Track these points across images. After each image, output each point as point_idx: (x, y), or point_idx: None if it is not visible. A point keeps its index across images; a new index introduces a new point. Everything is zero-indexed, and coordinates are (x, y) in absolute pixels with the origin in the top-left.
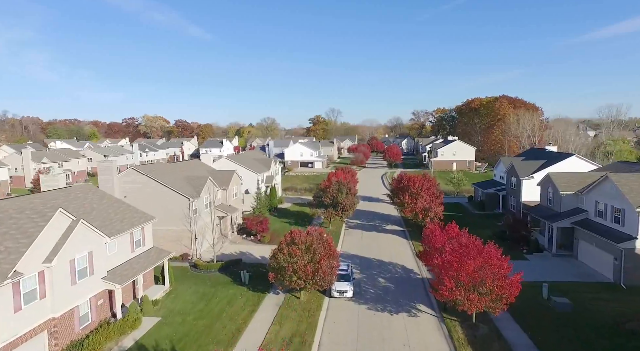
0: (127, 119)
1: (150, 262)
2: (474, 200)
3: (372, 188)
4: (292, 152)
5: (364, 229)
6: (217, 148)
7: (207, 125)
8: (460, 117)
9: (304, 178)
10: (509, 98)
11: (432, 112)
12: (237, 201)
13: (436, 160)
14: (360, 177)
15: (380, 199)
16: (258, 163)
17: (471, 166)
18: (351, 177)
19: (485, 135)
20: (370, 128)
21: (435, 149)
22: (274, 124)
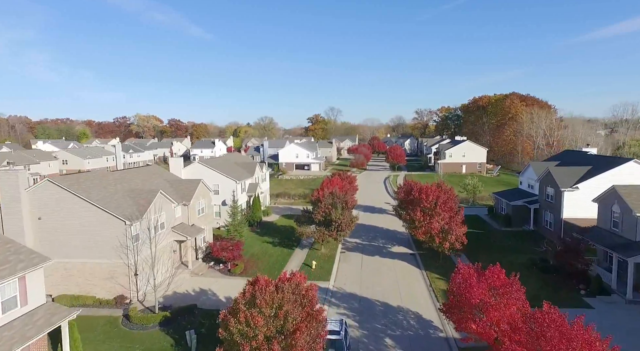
0: (118, 119)
1: (30, 331)
2: (495, 212)
3: (374, 196)
4: (287, 153)
5: (365, 252)
6: (208, 149)
7: (201, 124)
8: (467, 116)
9: (298, 183)
10: (519, 96)
11: (436, 111)
12: (206, 217)
13: (444, 162)
14: (361, 182)
15: (384, 210)
16: (239, 169)
17: (482, 169)
18: (349, 184)
19: (495, 135)
20: (371, 128)
21: (442, 150)
22: (272, 124)
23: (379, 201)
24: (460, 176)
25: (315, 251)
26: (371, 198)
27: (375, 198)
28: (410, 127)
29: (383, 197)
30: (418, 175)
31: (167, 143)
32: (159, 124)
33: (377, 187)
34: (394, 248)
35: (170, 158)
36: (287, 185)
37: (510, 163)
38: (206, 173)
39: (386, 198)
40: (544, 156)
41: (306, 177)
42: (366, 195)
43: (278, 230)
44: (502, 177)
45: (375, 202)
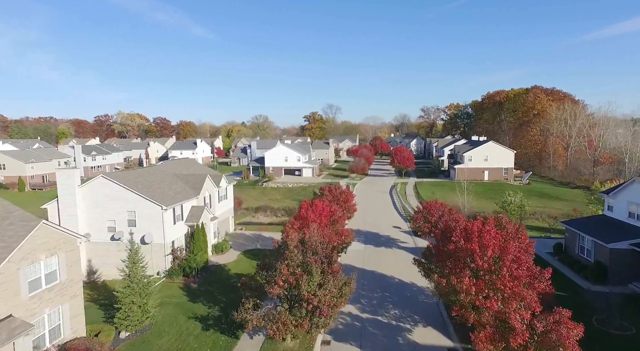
0: (100, 117)
1: None
2: (567, 253)
3: (378, 215)
4: (274, 156)
5: (366, 339)
6: (189, 151)
7: (188, 123)
8: (480, 114)
9: (286, 192)
10: (544, 90)
11: (444, 109)
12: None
13: (461, 167)
14: (361, 193)
15: (394, 240)
16: (177, 186)
17: (509, 175)
18: (344, 203)
19: (517, 134)
20: (373, 127)
21: (459, 153)
22: (267, 122)
23: (386, 224)
24: (484, 185)
25: (274, 345)
26: (375, 219)
27: (381, 219)
28: (415, 126)
29: (391, 217)
30: (431, 183)
31: (140, 144)
32: (145, 123)
33: (381, 201)
34: (416, 331)
35: (58, 171)
36: (271, 194)
37: (538, 168)
38: (116, 194)
39: (395, 220)
40: (583, 160)
41: (296, 185)
42: (368, 213)
43: (229, 284)
44: (534, 185)
45: (381, 225)
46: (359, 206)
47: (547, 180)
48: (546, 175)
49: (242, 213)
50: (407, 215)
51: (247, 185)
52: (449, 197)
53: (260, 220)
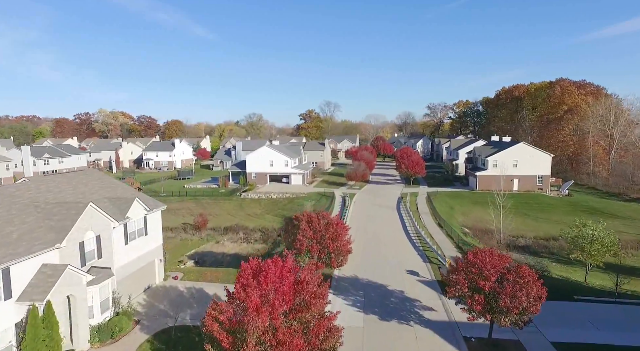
0: (80, 115)
1: None
2: None
3: (383, 246)
4: (257, 159)
5: None
6: (166, 153)
7: (175, 121)
8: (495, 111)
9: (268, 204)
10: (573, 82)
11: (452, 106)
12: None
13: (484, 174)
14: (360, 208)
15: (412, 303)
16: (22, 226)
17: (544, 185)
18: (321, 282)
19: (543, 134)
20: (374, 127)
21: (480, 157)
22: (261, 121)
23: (396, 267)
24: (513, 197)
25: None
26: (379, 256)
27: (388, 257)
28: (420, 126)
29: (403, 253)
30: (447, 194)
31: (109, 145)
32: (129, 122)
33: (387, 223)
34: None
35: None
36: (250, 208)
37: (572, 174)
38: None
39: (409, 258)
40: (633, 165)
41: (281, 195)
42: (369, 244)
43: None
44: (575, 197)
45: (389, 270)
46: (356, 233)
47: (588, 189)
48: (585, 184)
49: (207, 235)
50: (425, 247)
51: (223, 195)
52: (472, 212)
53: (225, 249)
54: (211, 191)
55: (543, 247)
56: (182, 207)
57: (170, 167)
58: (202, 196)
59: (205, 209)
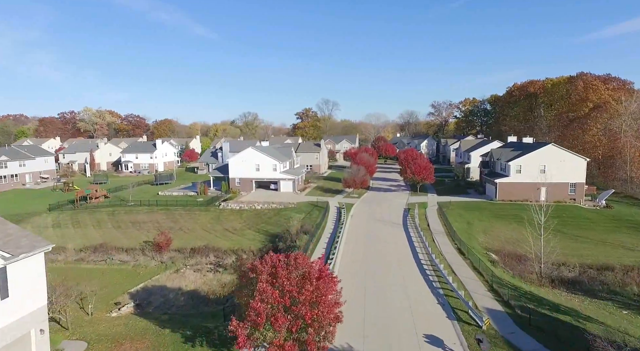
0: (65, 113)
1: None
2: None
3: (388, 286)
4: (241, 163)
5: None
6: (146, 154)
7: (165, 121)
8: (506, 109)
9: (250, 217)
10: (597, 77)
11: (458, 104)
12: None
13: (505, 181)
14: (358, 225)
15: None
16: None
17: (579, 195)
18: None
19: (566, 135)
20: (375, 127)
21: (499, 160)
22: (257, 121)
23: (411, 327)
24: (559, 211)
25: None
26: (385, 302)
27: (396, 305)
28: (424, 125)
29: (417, 299)
30: (461, 204)
31: (82, 146)
32: (116, 121)
33: (392, 246)
34: None
35: None
36: (229, 221)
37: (604, 180)
38: None
39: (425, 307)
40: None
41: (267, 206)
42: (369, 281)
43: None
44: (618, 209)
45: (401, 334)
46: (352, 267)
47: (626, 198)
48: (620, 192)
49: (169, 259)
50: (447, 290)
51: (200, 204)
52: (495, 229)
53: (184, 281)
54: (187, 199)
55: (597, 281)
56: (149, 220)
57: (152, 170)
58: (175, 206)
59: (176, 222)
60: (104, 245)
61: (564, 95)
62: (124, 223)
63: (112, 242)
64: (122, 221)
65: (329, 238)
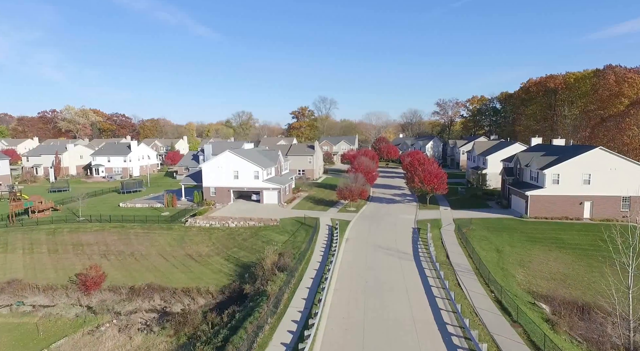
0: (46, 112)
1: None
2: None
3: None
4: (217, 169)
5: None
6: (120, 157)
7: (152, 120)
8: (518, 108)
9: (222, 239)
10: (630, 70)
11: (465, 103)
12: None
13: (538, 194)
14: (355, 253)
15: None
16: None
17: (633, 211)
18: None
19: (597, 135)
20: (376, 126)
21: (529, 168)
22: (251, 120)
23: None
24: (586, 229)
25: None
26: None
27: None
28: (428, 124)
29: None
30: (483, 222)
31: (48, 148)
32: (101, 120)
33: (402, 296)
34: None
35: None
36: (195, 243)
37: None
38: None
39: None
40: None
41: (244, 223)
42: None
43: None
44: None
45: None
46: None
47: None
48: None
49: (98, 304)
50: None
51: (163, 221)
52: (534, 259)
53: (101, 349)
54: (150, 214)
55: None
56: (96, 241)
57: (125, 174)
58: (132, 222)
59: (128, 245)
60: (17, 281)
61: (589, 90)
62: (64, 245)
63: (33, 275)
64: (62, 243)
65: (313, 280)
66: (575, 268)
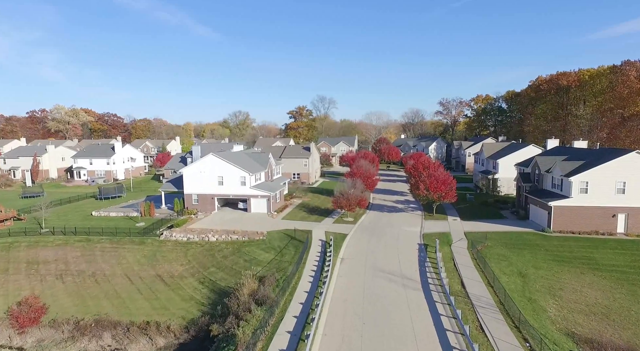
0: (35, 112)
1: None
2: None
3: None
4: (198, 175)
5: None
6: (103, 160)
7: (144, 120)
8: (528, 107)
9: (199, 255)
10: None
11: (470, 102)
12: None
13: (563, 205)
14: (352, 278)
15: None
16: None
17: None
18: None
19: (619, 136)
20: (377, 127)
21: (551, 174)
22: (248, 120)
23: None
24: (624, 245)
25: None
26: None
27: None
28: (431, 125)
29: None
30: (499, 237)
31: (27, 149)
32: (92, 120)
33: (411, 344)
34: None
35: None
36: (168, 260)
37: None
38: None
39: None
40: None
41: (226, 236)
42: None
43: None
44: None
45: None
46: None
47: None
48: None
49: (33, 347)
50: None
51: (135, 234)
52: (566, 286)
53: None
54: (123, 224)
55: None
56: (55, 258)
57: (109, 177)
58: (101, 235)
59: (91, 263)
60: None
61: (606, 88)
62: (16, 263)
63: None
64: (16, 260)
65: (297, 320)
66: (617, 298)
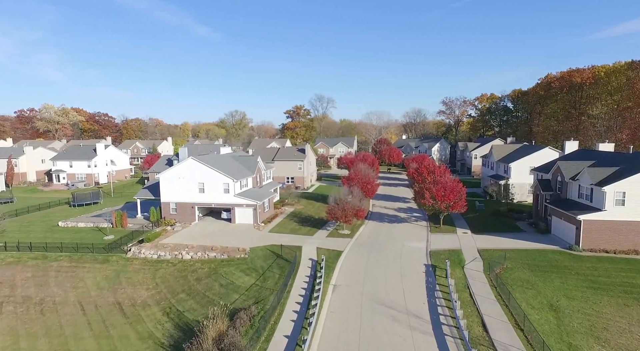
0: (23, 111)
1: None
2: None
3: None
4: (176, 181)
5: None
6: (84, 162)
7: (135, 120)
8: (537, 107)
9: (170, 276)
10: None
11: (474, 101)
12: None
13: (596, 218)
14: (345, 316)
15: None
16: None
17: None
18: None
19: (638, 136)
20: (377, 127)
21: (578, 182)
22: (245, 120)
23: None
24: None
25: None
26: None
27: None
28: (433, 125)
29: None
30: (519, 257)
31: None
32: (82, 120)
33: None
34: None
35: None
36: (133, 283)
37: None
38: None
39: None
40: None
41: (203, 254)
42: None
43: None
44: None
45: None
46: None
47: None
48: None
49: None
50: None
51: (100, 249)
52: (610, 324)
53: None
54: (90, 237)
55: None
56: (2, 280)
57: (90, 181)
58: (60, 251)
59: (42, 286)
60: None
61: (623, 85)
62: None
63: None
64: None
65: None
66: None
